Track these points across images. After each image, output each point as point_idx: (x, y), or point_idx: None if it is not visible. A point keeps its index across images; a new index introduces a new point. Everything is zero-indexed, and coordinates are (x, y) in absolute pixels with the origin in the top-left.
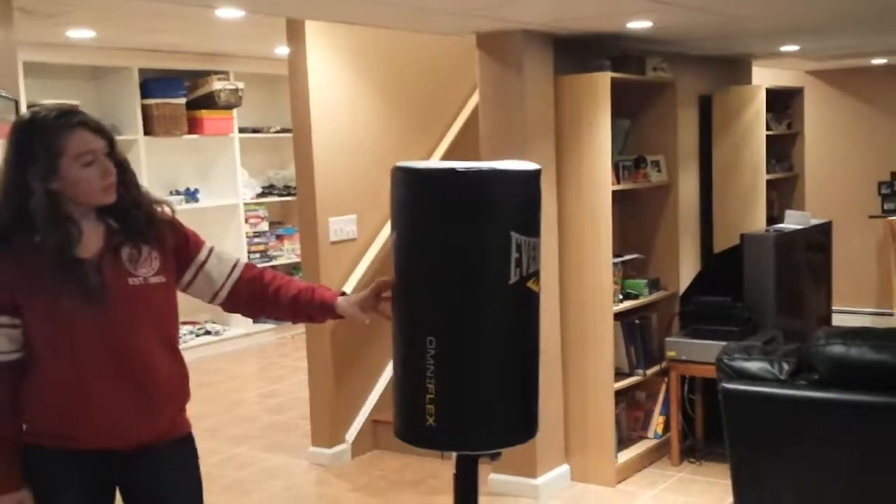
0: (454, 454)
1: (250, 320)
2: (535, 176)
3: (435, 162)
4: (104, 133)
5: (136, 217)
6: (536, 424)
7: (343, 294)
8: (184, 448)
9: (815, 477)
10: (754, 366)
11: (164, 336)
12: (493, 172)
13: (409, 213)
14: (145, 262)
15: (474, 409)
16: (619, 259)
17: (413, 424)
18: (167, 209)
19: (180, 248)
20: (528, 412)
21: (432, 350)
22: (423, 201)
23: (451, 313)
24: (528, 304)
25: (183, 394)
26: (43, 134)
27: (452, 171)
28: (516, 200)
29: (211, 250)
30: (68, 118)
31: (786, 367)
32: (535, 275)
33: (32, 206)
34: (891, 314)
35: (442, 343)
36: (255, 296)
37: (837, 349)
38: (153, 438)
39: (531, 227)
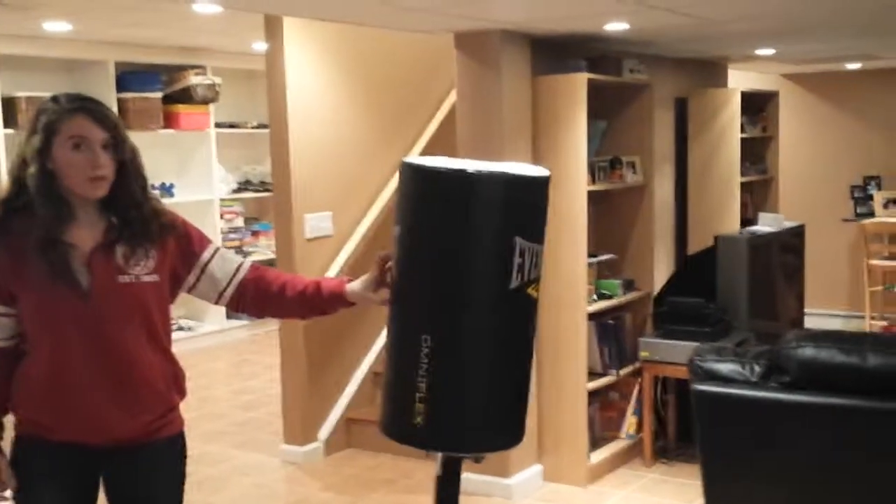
0: (439, 454)
1: (223, 316)
2: (545, 182)
3: (445, 159)
4: (108, 126)
5: (135, 216)
6: (523, 431)
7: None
8: (170, 448)
9: (786, 479)
10: (726, 367)
11: (153, 335)
12: (503, 176)
13: (415, 209)
14: (140, 261)
15: (464, 410)
16: (594, 259)
17: (400, 421)
18: (175, 219)
19: (184, 248)
20: (518, 417)
21: (426, 348)
22: (430, 199)
23: (449, 313)
24: (526, 309)
25: (171, 394)
26: (47, 113)
27: (463, 171)
28: (524, 206)
29: (216, 251)
30: (74, 103)
31: (757, 368)
32: (536, 281)
33: (28, 179)
34: (862, 317)
35: (436, 342)
36: (260, 295)
37: (808, 352)
38: (136, 436)
39: (536, 233)
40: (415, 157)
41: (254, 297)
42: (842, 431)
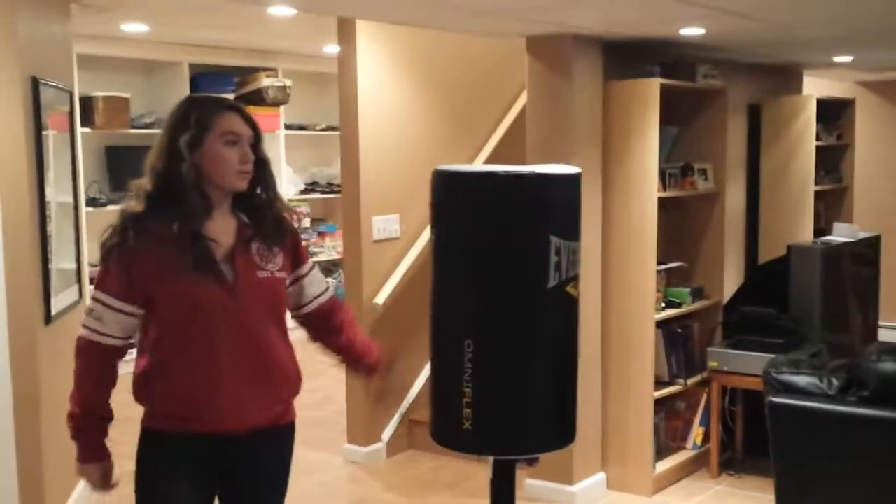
0: (491, 458)
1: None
2: (575, 179)
3: (475, 165)
4: (253, 125)
5: (266, 216)
6: (574, 431)
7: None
8: (289, 433)
9: (861, 494)
10: (802, 380)
11: (282, 327)
12: (533, 176)
13: (449, 214)
14: (273, 258)
15: (511, 413)
16: (663, 266)
17: (449, 427)
18: (293, 217)
19: (294, 253)
20: (566, 418)
21: (469, 353)
22: (463, 204)
23: (489, 316)
24: (566, 308)
25: (298, 381)
26: (198, 108)
27: (493, 174)
28: (556, 204)
29: (314, 267)
30: (223, 101)
31: (835, 382)
32: (575, 279)
33: (184, 171)
34: None
35: (479, 346)
36: (322, 324)
37: (889, 366)
38: (268, 423)
39: (571, 231)
40: (445, 165)
41: (317, 324)
42: None
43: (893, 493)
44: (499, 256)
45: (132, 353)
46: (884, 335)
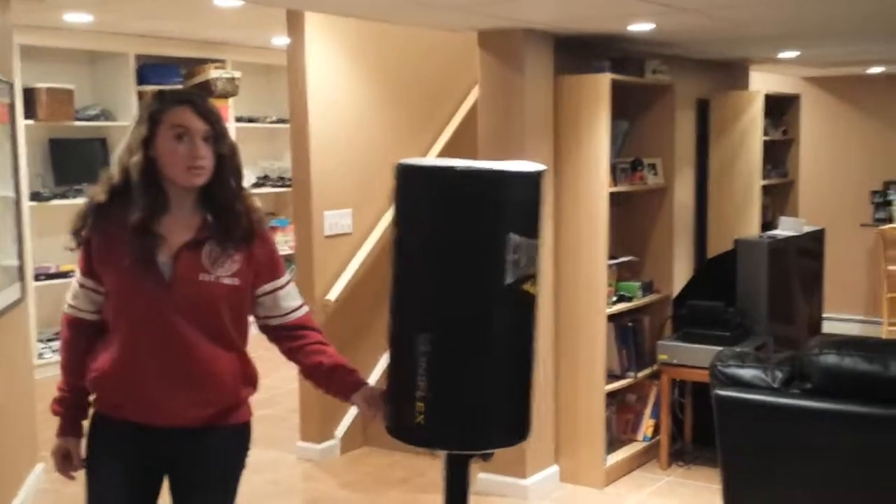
0: (444, 453)
1: None
2: (536, 177)
3: (436, 159)
4: (209, 119)
5: (227, 216)
6: (529, 427)
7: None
8: (235, 435)
9: (806, 486)
10: (748, 373)
11: (222, 333)
12: (493, 172)
13: (408, 209)
14: (224, 263)
15: (464, 408)
16: (614, 261)
17: (403, 421)
18: (258, 219)
19: (268, 263)
20: (520, 414)
21: (424, 347)
22: (423, 198)
23: (445, 311)
24: (524, 306)
25: (239, 389)
26: (158, 103)
27: (452, 169)
28: (517, 201)
29: (289, 281)
30: (181, 96)
31: (779, 375)
32: (533, 277)
33: (131, 165)
34: (879, 322)
35: (434, 341)
36: (290, 342)
37: (831, 359)
38: (200, 424)
39: (531, 228)
40: (407, 159)
41: (286, 340)
42: (863, 438)
43: (836, 484)
44: (457, 252)
45: None
46: (828, 327)
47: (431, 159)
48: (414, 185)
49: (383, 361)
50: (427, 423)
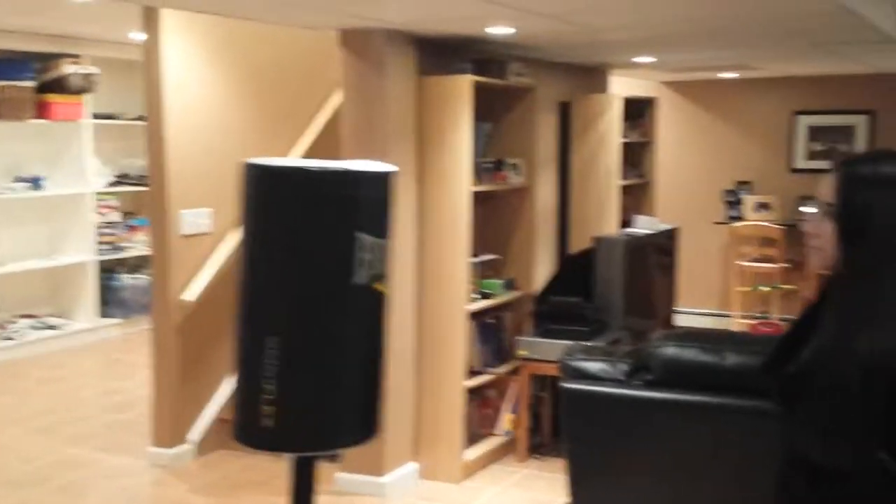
0: (292, 456)
1: (95, 314)
2: (386, 177)
3: (286, 159)
4: None
5: None
6: (377, 426)
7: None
8: None
9: (647, 473)
10: (594, 366)
11: None
12: (341, 172)
13: (257, 209)
14: None
15: (312, 409)
16: (477, 259)
17: (250, 425)
18: None
19: None
20: (369, 414)
21: (272, 349)
22: (272, 197)
23: (293, 312)
24: (374, 305)
25: None
26: None
27: (300, 169)
28: (366, 201)
29: None
30: None
31: (624, 367)
32: (383, 276)
33: None
34: (731, 315)
35: (283, 342)
36: None
37: (671, 351)
38: None
39: (380, 228)
40: (256, 158)
41: None
42: (700, 428)
43: (676, 472)
44: (305, 252)
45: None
46: (682, 320)
47: (280, 159)
48: (261, 186)
49: None
50: (274, 427)
